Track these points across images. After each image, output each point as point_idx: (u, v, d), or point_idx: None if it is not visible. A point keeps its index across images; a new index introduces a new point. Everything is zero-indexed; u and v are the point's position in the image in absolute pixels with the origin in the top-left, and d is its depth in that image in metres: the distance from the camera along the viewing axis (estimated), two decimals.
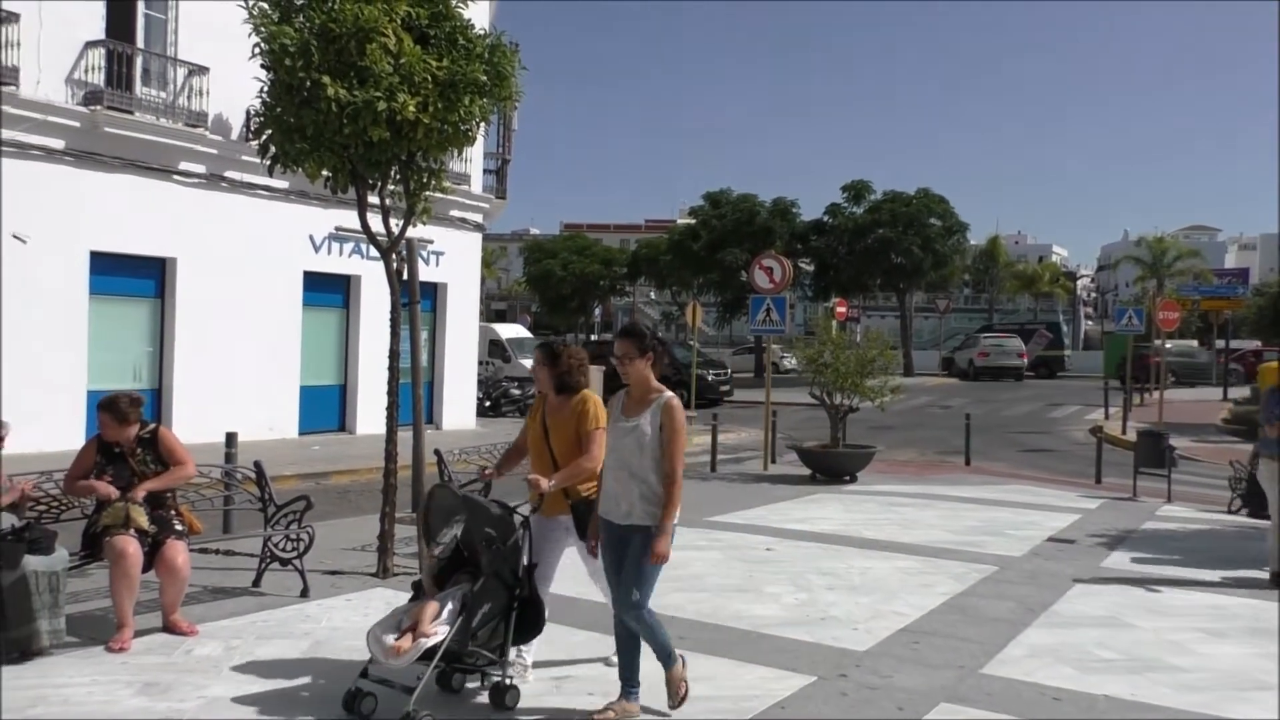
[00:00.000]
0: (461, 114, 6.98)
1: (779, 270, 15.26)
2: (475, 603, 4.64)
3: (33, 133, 13.64)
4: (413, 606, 4.79)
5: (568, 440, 5.16)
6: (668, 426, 4.64)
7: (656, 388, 4.77)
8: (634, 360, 4.74)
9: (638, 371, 4.75)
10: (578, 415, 5.14)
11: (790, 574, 7.93)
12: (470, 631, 4.59)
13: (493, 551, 4.73)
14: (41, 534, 5.45)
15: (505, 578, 4.78)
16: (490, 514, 4.82)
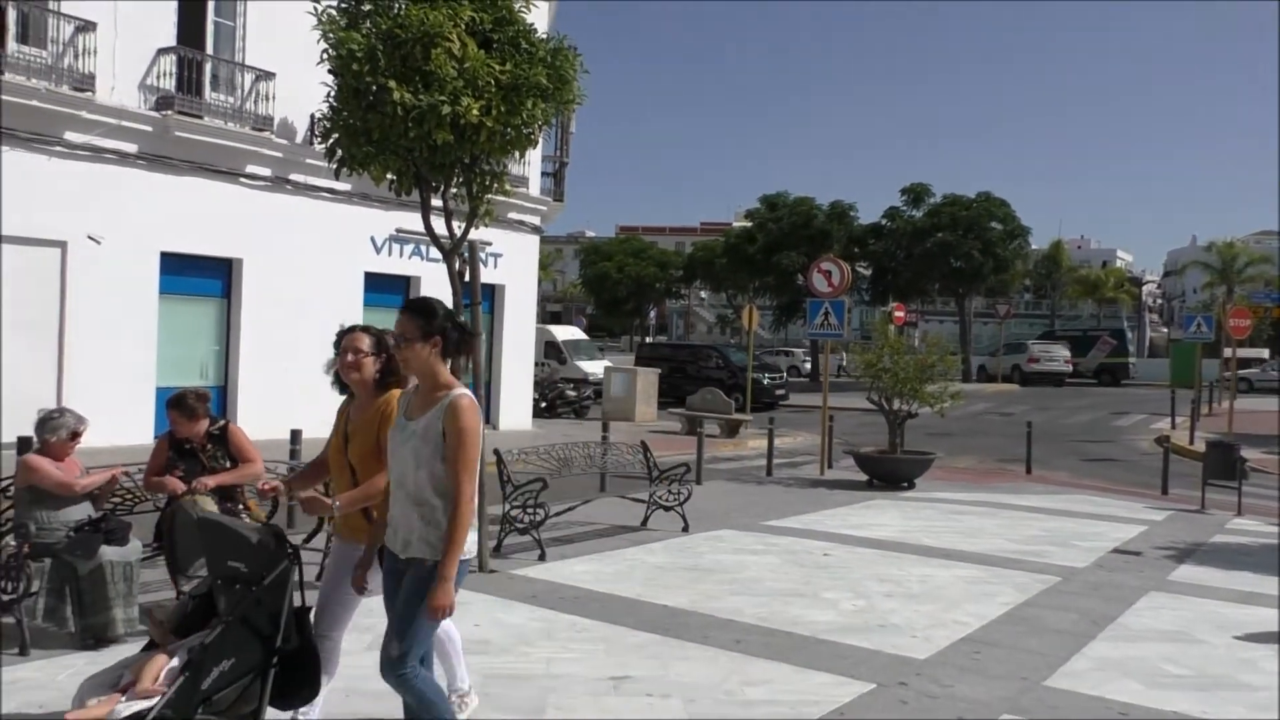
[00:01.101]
0: (524, 117, 7.06)
1: (837, 274, 15.15)
2: (208, 657, 3.60)
3: (108, 137, 14.06)
4: (141, 657, 3.88)
5: (368, 450, 4.16)
6: (451, 431, 3.61)
7: (446, 382, 3.74)
8: (413, 344, 3.71)
9: (419, 359, 3.72)
10: (380, 418, 4.10)
11: (848, 580, 7.87)
12: (200, 695, 3.56)
13: (236, 591, 3.75)
14: (117, 525, 5.62)
15: (258, 625, 3.73)
16: (241, 541, 3.81)
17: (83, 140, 13.79)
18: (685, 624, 6.40)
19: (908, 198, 40.95)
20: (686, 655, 5.75)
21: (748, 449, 19.12)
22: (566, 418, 23.26)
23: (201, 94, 15.15)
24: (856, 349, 14.76)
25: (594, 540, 9.16)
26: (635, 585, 7.43)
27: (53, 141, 13.51)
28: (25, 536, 5.43)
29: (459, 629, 5.95)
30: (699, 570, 8.05)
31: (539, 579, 7.51)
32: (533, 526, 8.21)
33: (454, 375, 3.86)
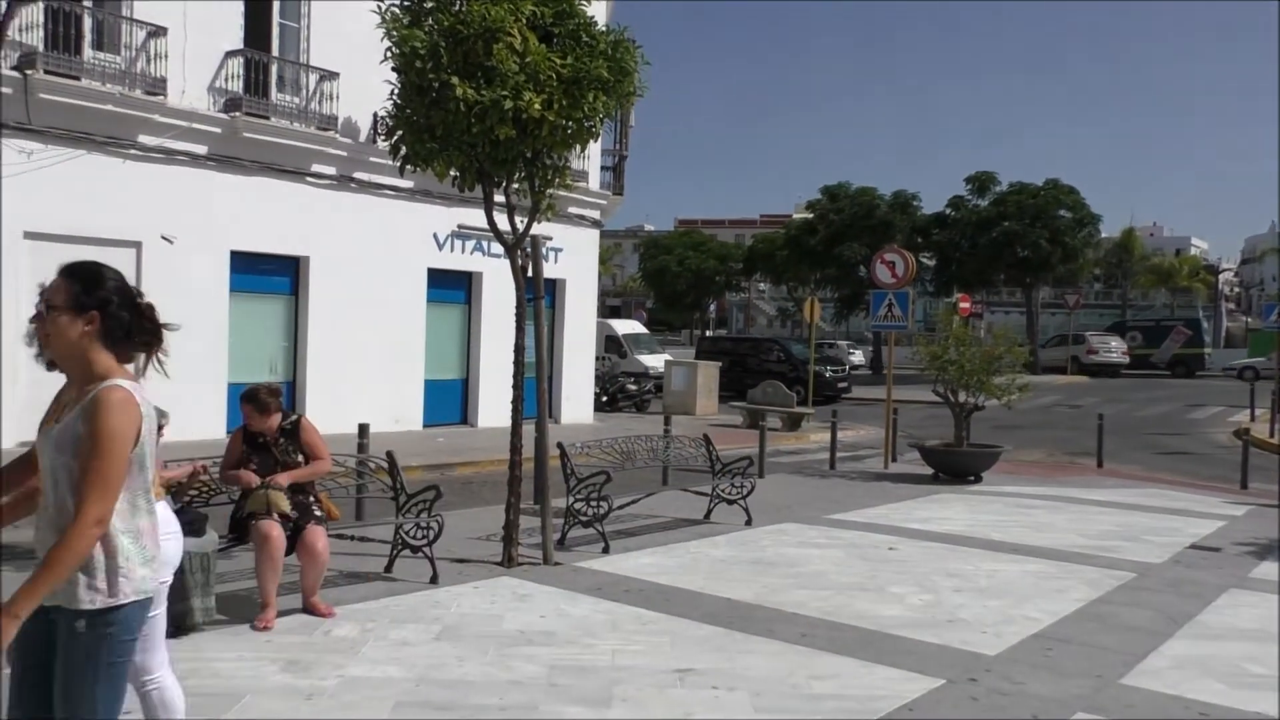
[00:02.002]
0: (586, 110, 7.08)
1: (901, 265, 14.96)
2: None
3: (179, 139, 14.42)
4: None
5: None
6: (86, 433, 2.72)
7: (100, 373, 2.83)
8: (59, 315, 2.84)
9: (65, 339, 2.84)
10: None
11: (915, 574, 7.78)
12: None
13: None
14: (194, 517, 5.78)
15: None
16: None
17: (155, 143, 14.17)
18: (749, 617, 6.39)
19: (973, 186, 40.22)
20: (751, 649, 5.73)
21: (810, 442, 19.02)
22: (627, 412, 23.33)
23: (268, 95, 15.47)
24: (921, 341, 14.55)
25: (657, 533, 9.18)
26: (699, 578, 7.43)
27: (127, 144, 13.90)
28: None
29: (520, 620, 6.07)
30: (763, 564, 8.03)
31: (603, 571, 7.55)
32: (596, 519, 8.26)
33: None
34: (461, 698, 4.81)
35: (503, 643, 5.68)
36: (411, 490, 7.22)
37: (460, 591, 6.80)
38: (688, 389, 23.28)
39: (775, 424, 19.64)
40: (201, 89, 14.74)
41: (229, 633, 5.66)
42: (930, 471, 13.75)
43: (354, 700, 4.71)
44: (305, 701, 4.68)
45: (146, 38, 13.96)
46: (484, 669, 5.22)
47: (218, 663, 5.15)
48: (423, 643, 5.64)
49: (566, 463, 8.52)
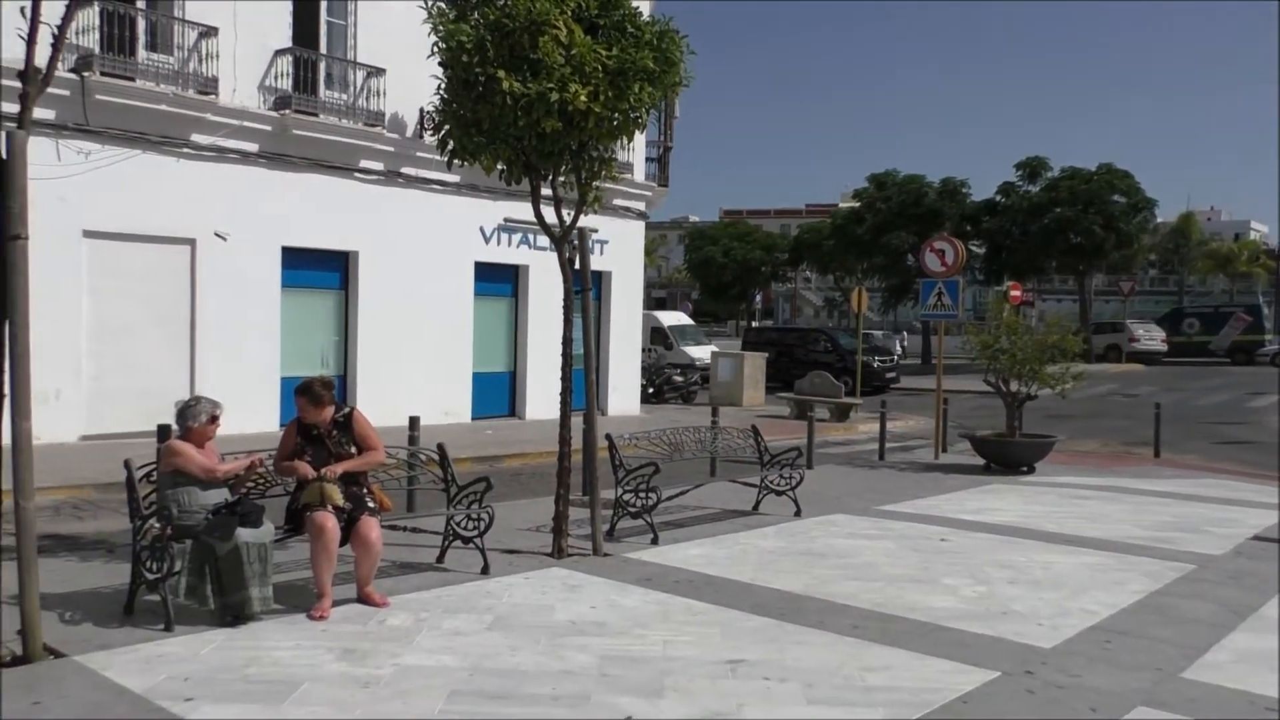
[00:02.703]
0: (631, 102, 7.07)
1: (951, 252, 14.78)
2: None
3: (231, 138, 14.66)
4: None
5: None
6: None
7: None
8: None
9: None
10: None
11: (967, 566, 7.69)
12: None
13: None
14: (251, 508, 5.89)
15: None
16: None
17: (208, 141, 14.42)
18: (800, 609, 6.36)
19: (1023, 172, 39.61)
20: (803, 640, 5.71)
21: (858, 433, 18.88)
22: (674, 403, 23.33)
23: (316, 92, 15.66)
24: (972, 330, 14.36)
25: (706, 524, 9.18)
26: (748, 569, 7.42)
27: (180, 144, 14.17)
28: (168, 519, 5.73)
29: (571, 610, 6.11)
30: (812, 555, 7.99)
31: (652, 562, 7.56)
32: (645, 510, 8.27)
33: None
34: (515, 687, 4.85)
35: (554, 633, 5.72)
36: (462, 482, 7.29)
37: (511, 582, 6.85)
38: (734, 380, 23.22)
39: (823, 415, 19.52)
40: (252, 87, 14.96)
41: (286, 622, 5.75)
42: (982, 462, 13.59)
43: (409, 689, 4.77)
44: (362, 690, 4.75)
45: (198, 38, 14.20)
46: (536, 659, 5.26)
47: (276, 651, 5.24)
48: (475, 632, 5.70)
49: (615, 454, 8.54)
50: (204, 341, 14.57)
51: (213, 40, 14.30)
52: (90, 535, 8.53)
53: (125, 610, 5.84)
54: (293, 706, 4.52)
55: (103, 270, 13.67)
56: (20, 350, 4.86)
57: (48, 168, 11.99)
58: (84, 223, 13.31)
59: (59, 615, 5.68)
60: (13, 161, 4.82)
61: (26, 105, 4.94)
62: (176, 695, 4.59)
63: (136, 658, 5.09)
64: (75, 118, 12.98)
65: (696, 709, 4.63)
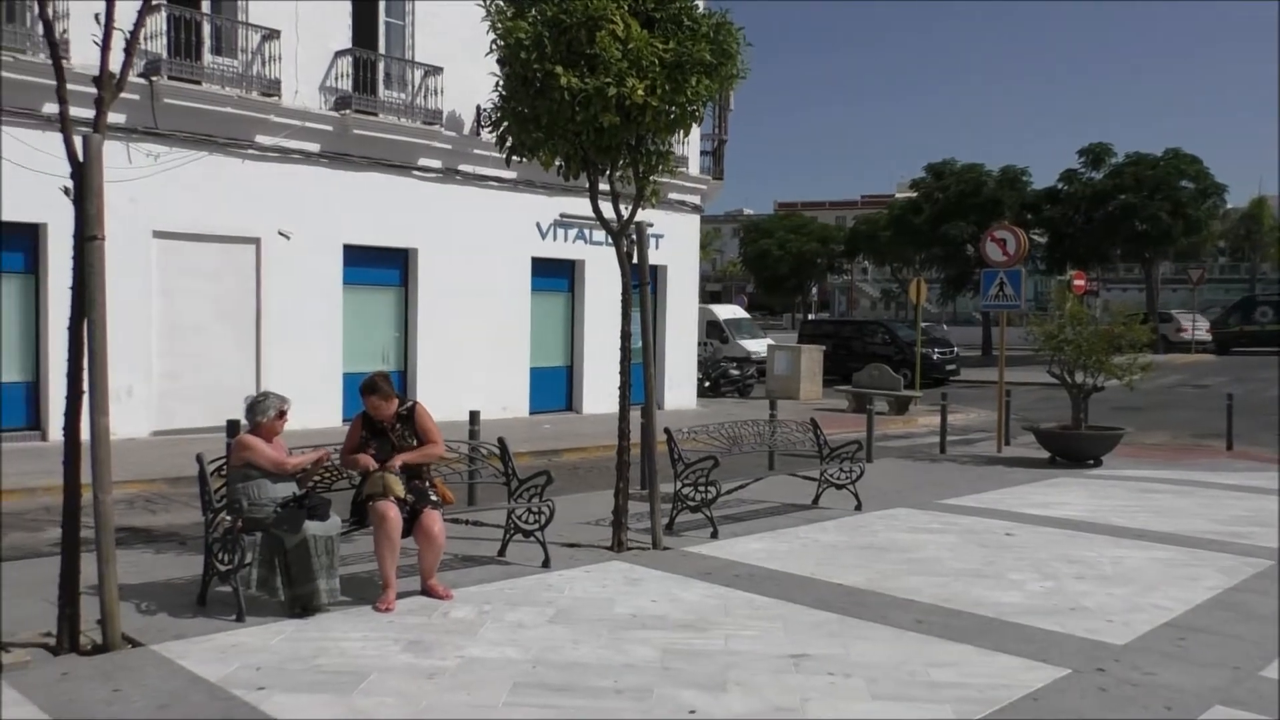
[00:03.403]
0: (689, 95, 7.05)
1: (1013, 242, 14.50)
2: None
3: (293, 138, 14.92)
4: None
5: None
6: None
7: None
8: None
9: None
10: None
11: (1033, 560, 7.56)
12: None
13: None
14: (318, 501, 5.99)
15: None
16: None
17: (271, 142, 14.69)
18: (863, 603, 6.30)
19: (1086, 159, 38.72)
20: (866, 635, 5.66)
21: (918, 426, 18.66)
22: (730, 397, 23.26)
23: (376, 92, 15.86)
24: (1035, 321, 14.08)
25: (765, 518, 9.13)
26: (809, 563, 7.37)
27: (245, 145, 14.46)
28: (238, 512, 5.86)
29: (631, 604, 6.12)
30: (874, 549, 7.91)
31: (712, 556, 7.55)
32: (704, 504, 8.26)
33: None
34: (577, 679, 4.87)
35: (615, 626, 5.73)
36: (522, 476, 7.34)
37: (572, 575, 6.89)
38: (791, 373, 23.07)
39: (882, 408, 19.29)
40: (313, 89, 15.20)
41: (353, 614, 5.85)
42: (1046, 455, 13.34)
43: (474, 680, 4.82)
44: (427, 681, 4.81)
45: (261, 41, 14.47)
46: (598, 652, 5.28)
47: (344, 642, 5.33)
48: (538, 625, 5.74)
49: (674, 448, 8.54)
50: (269, 338, 14.87)
51: (275, 43, 14.56)
52: (162, 528, 8.76)
53: (198, 601, 5.98)
54: (361, 697, 4.59)
55: (172, 270, 14.02)
56: (98, 348, 5.00)
57: (119, 170, 12.29)
58: (154, 223, 13.66)
59: (135, 605, 5.83)
60: (89, 165, 4.95)
61: (102, 110, 5.07)
62: (249, 684, 4.69)
63: (211, 647, 5.21)
64: (145, 121, 13.31)
65: (760, 704, 4.61)
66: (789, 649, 5.37)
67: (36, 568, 6.74)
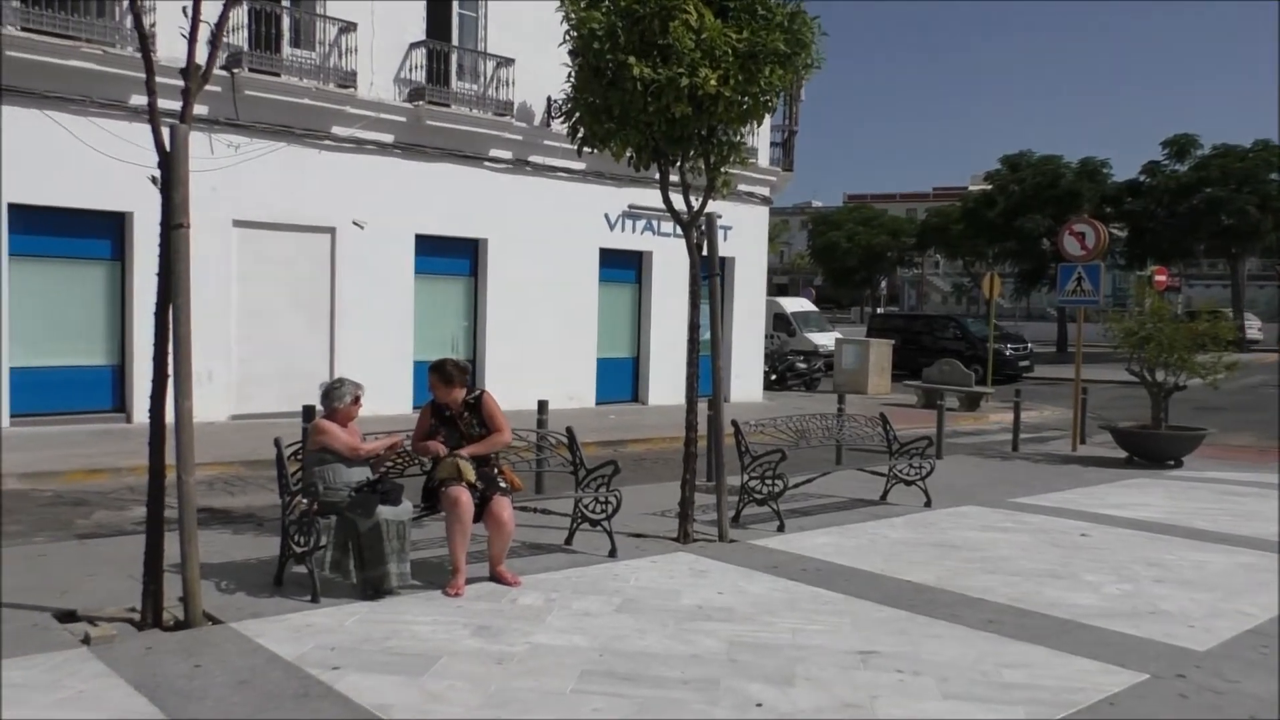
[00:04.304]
0: (762, 85, 6.99)
1: (1092, 236, 14.14)
2: None
3: (368, 129, 15.17)
4: None
5: None
6: None
7: None
8: None
9: None
10: None
11: (1110, 563, 7.37)
12: None
13: None
14: (391, 487, 6.09)
15: None
16: None
17: (347, 133, 14.95)
18: (933, 601, 6.21)
19: (1170, 151, 37.59)
20: (936, 633, 5.58)
21: (989, 423, 18.33)
22: (796, 390, 23.10)
23: (448, 84, 16.05)
24: (1114, 317, 13.72)
25: (832, 513, 9.05)
26: (878, 560, 7.29)
27: (321, 136, 14.74)
28: (314, 495, 5.99)
29: (698, 595, 6.12)
30: (944, 546, 7.79)
31: (779, 550, 7.51)
32: (771, 497, 8.21)
33: None
34: (644, 669, 4.89)
35: (681, 617, 5.73)
36: (590, 466, 7.38)
37: (638, 565, 6.90)
38: (859, 367, 22.83)
39: (952, 404, 18.99)
40: (388, 80, 15.43)
41: (424, 598, 5.94)
42: (1123, 455, 13.00)
43: (541, 666, 4.86)
44: (496, 665, 4.86)
45: (338, 33, 14.73)
46: (664, 642, 5.29)
47: (415, 625, 5.42)
48: (604, 614, 5.77)
49: (741, 440, 8.50)
50: (342, 326, 15.17)
51: (352, 35, 14.81)
52: (240, 509, 9.00)
53: (275, 581, 6.13)
54: (432, 679, 4.66)
55: (251, 257, 14.37)
56: (182, 333, 5.15)
57: (202, 160, 12.57)
58: (234, 212, 14.00)
59: (215, 584, 6.00)
60: (175, 154, 5.09)
61: (188, 101, 5.21)
62: (324, 664, 4.80)
63: (286, 626, 5.34)
64: (226, 112, 13.64)
65: (828, 700, 4.57)
66: (857, 645, 5.32)
67: (122, 545, 6.98)
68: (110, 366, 13.57)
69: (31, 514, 8.57)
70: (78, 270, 13.27)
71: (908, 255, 58.95)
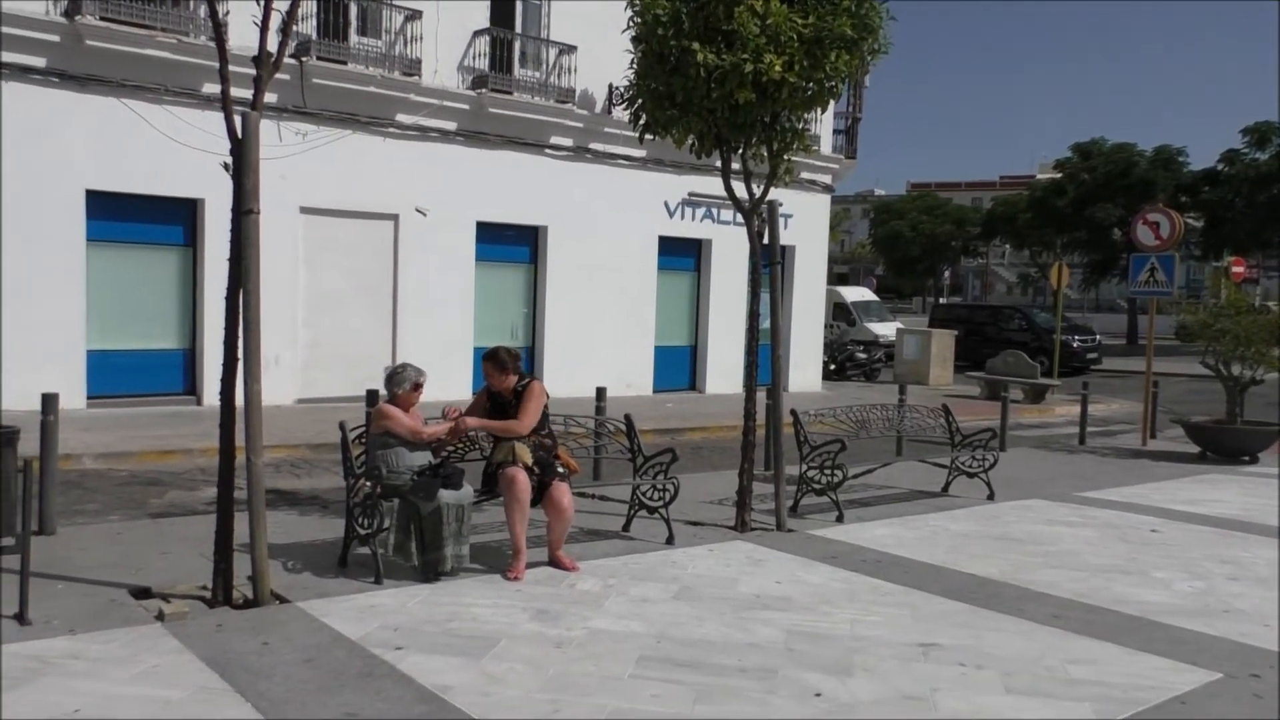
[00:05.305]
0: (827, 70, 6.92)
1: (1167, 225, 13.76)
2: None
3: (431, 117, 15.32)
4: None
5: None
6: None
7: None
8: None
9: None
10: None
11: (1181, 559, 7.20)
12: None
13: None
14: (453, 471, 6.17)
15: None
16: None
17: (411, 121, 15.12)
18: (996, 594, 6.13)
19: (1250, 139, 36.34)
20: (999, 627, 5.50)
21: (1055, 416, 17.98)
22: (856, 380, 22.89)
23: (511, 71, 16.13)
24: (1189, 309, 13.35)
25: (893, 504, 8.97)
26: (939, 552, 7.20)
27: (386, 123, 14.92)
28: (377, 479, 6.09)
29: (755, 584, 6.11)
30: (1008, 540, 7.67)
31: (837, 540, 7.46)
32: (830, 488, 8.16)
33: None
34: (702, 656, 4.90)
35: (738, 605, 5.73)
36: (647, 453, 7.39)
37: (695, 553, 6.91)
38: (921, 358, 22.53)
39: (1016, 396, 18.66)
40: (451, 68, 15.56)
41: (484, 581, 6.02)
42: (1195, 450, 12.66)
43: (600, 651, 4.90)
44: (555, 649, 4.91)
45: (404, 21, 14.89)
46: (722, 630, 5.29)
47: (475, 608, 5.49)
48: (662, 601, 5.79)
49: (800, 430, 8.45)
50: (404, 312, 15.37)
51: (416, 23, 14.96)
52: (306, 491, 9.19)
53: (340, 562, 6.25)
54: (492, 661, 4.72)
55: (317, 244, 14.62)
56: (252, 317, 5.26)
57: (270, 148, 12.74)
58: (301, 199, 14.25)
59: (282, 564, 6.14)
60: (247, 141, 5.20)
61: (259, 88, 5.31)
62: (387, 644, 4.89)
63: (351, 607, 5.44)
64: (294, 100, 13.87)
65: (888, 690, 4.54)
66: (917, 637, 5.27)
67: (193, 525, 7.18)
68: (182, 350, 13.93)
69: (107, 493, 8.84)
70: (152, 255, 13.64)
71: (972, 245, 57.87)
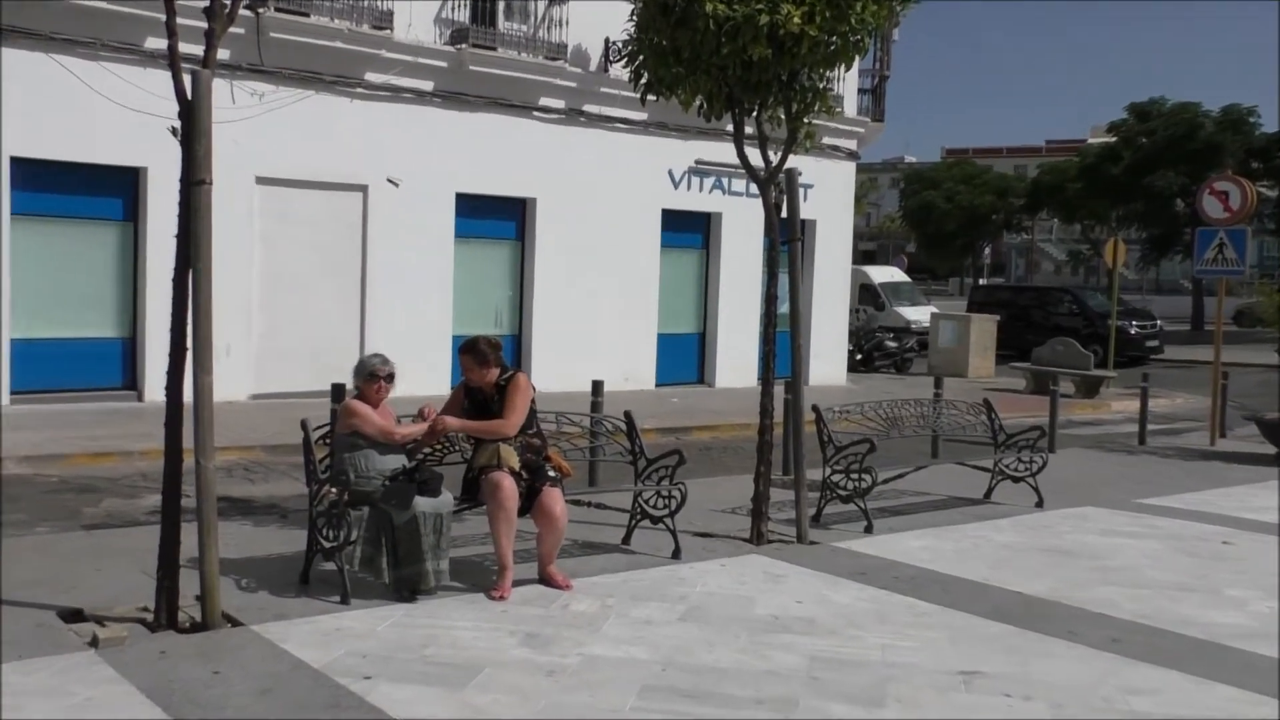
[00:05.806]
0: (852, 23, 6.89)
1: (1237, 196, 13.72)
2: None
3: (405, 76, 15.27)
4: None
5: None
6: None
7: None
8: None
9: None
10: None
11: (1257, 576, 7.21)
12: None
13: None
14: (430, 476, 6.14)
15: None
16: None
17: (381, 80, 15.07)
18: (1046, 615, 6.13)
19: None
20: (1049, 652, 5.50)
21: (1111, 412, 18.04)
22: (885, 372, 22.92)
23: (495, 24, 16.08)
24: (1264, 290, 13.34)
25: (928, 512, 8.97)
26: (981, 567, 7.20)
27: (354, 83, 14.87)
28: (344, 484, 6.06)
29: (773, 604, 6.10)
30: (1059, 553, 7.67)
31: (866, 554, 7.45)
32: (858, 494, 8.14)
33: None
34: (712, 686, 4.88)
35: (755, 628, 5.72)
36: (651, 455, 7.37)
37: (706, 569, 6.90)
38: (958, 347, 22.55)
39: (1067, 389, 18.65)
40: (428, 20, 15.51)
41: (465, 600, 6.00)
42: (1273, 451, 12.69)
43: (597, 680, 4.88)
44: (546, 678, 4.89)
45: None
46: (736, 656, 5.28)
47: (455, 631, 5.47)
48: (667, 623, 5.77)
49: (823, 429, 8.43)
50: (374, 295, 15.34)
51: None
52: (262, 499, 9.18)
53: (301, 579, 6.23)
54: (475, 692, 4.70)
55: (274, 218, 14.58)
56: (203, 301, 5.23)
57: (223, 110, 12.59)
58: (257, 168, 14.19)
59: (235, 581, 6.12)
60: (198, 103, 5.15)
61: (212, 44, 5.26)
62: (355, 673, 4.87)
63: (314, 630, 5.43)
64: (250, 58, 13.78)
65: None
66: (957, 664, 5.26)
67: (133, 537, 7.15)
68: (120, 339, 13.90)
69: (34, 501, 8.82)
70: (86, 231, 13.59)
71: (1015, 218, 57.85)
